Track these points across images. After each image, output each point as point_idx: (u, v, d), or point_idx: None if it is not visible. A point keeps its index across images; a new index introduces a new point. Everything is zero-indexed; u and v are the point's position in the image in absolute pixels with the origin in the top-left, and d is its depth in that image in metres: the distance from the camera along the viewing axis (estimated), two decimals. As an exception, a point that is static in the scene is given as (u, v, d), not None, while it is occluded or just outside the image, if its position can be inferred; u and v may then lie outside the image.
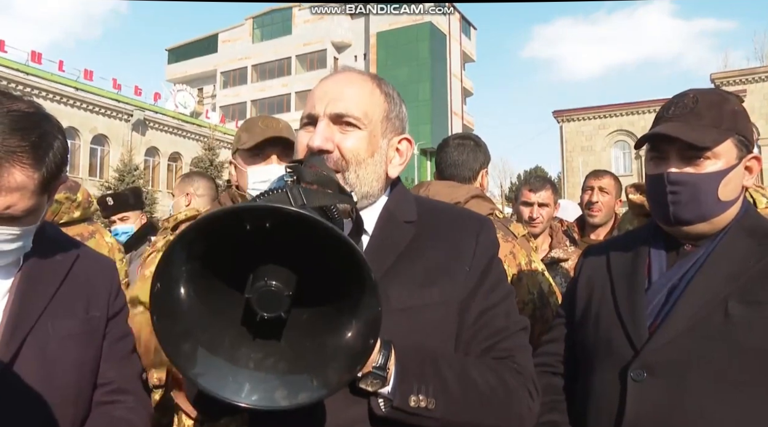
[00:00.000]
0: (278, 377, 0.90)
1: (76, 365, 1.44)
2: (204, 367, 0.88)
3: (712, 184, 1.41)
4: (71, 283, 1.47)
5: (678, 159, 1.44)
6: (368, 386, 1.09)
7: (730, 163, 1.42)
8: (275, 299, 0.86)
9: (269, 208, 0.82)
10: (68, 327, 1.43)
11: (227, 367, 0.90)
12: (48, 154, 1.29)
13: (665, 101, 1.56)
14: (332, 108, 1.26)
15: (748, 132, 1.46)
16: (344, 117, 1.26)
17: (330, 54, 50.61)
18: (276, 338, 0.92)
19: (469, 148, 2.60)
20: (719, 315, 1.36)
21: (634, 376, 1.40)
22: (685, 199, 1.43)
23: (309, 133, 1.27)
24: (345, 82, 1.31)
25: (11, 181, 1.24)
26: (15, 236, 1.32)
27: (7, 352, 1.32)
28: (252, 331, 0.91)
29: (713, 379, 1.34)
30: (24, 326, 1.36)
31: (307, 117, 1.29)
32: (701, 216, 1.44)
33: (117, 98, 35.67)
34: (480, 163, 2.62)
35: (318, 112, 1.27)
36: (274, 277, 0.86)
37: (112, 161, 33.62)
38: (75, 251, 1.54)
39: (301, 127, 1.31)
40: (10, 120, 1.25)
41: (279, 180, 1.04)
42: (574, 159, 40.05)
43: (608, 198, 3.81)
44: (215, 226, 0.83)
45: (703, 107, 1.44)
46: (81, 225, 2.58)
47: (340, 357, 0.90)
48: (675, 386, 1.36)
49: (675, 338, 1.38)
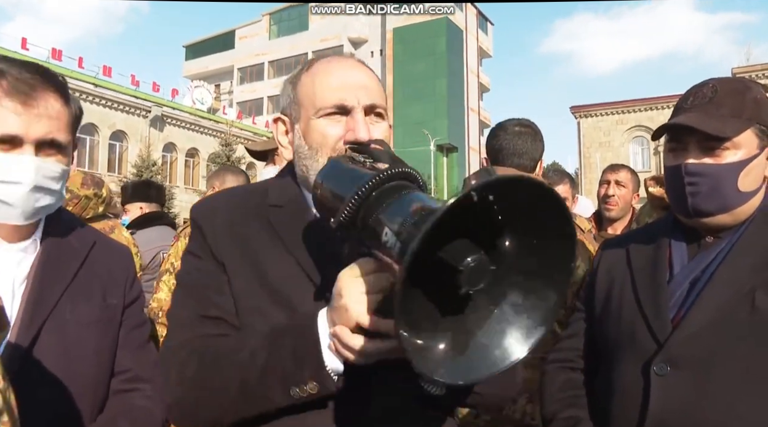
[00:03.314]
0: (466, 353, 0.93)
1: (95, 352, 1.45)
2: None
3: (732, 174, 1.38)
4: (89, 269, 1.48)
5: (697, 150, 1.41)
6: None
7: (751, 153, 1.40)
8: (481, 272, 0.88)
9: (519, 178, 0.87)
10: (86, 314, 1.44)
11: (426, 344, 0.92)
12: (70, 97, 1.41)
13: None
14: (366, 99, 1.26)
15: None
16: (376, 108, 1.28)
17: (346, 50, 50.54)
18: (461, 314, 0.95)
19: (530, 136, 2.47)
20: (746, 307, 1.33)
21: (657, 370, 1.37)
22: (704, 190, 1.40)
23: (337, 123, 1.25)
24: (363, 71, 1.31)
25: (50, 109, 1.33)
26: (59, 174, 1.37)
27: (27, 337, 1.34)
28: (442, 308, 0.94)
29: (739, 373, 1.31)
30: (43, 311, 1.37)
31: (337, 107, 1.25)
32: (722, 207, 1.41)
33: (135, 95, 35.95)
34: (540, 152, 2.49)
35: (352, 103, 1.25)
36: (469, 252, 0.88)
37: (131, 157, 33.94)
38: (92, 238, 1.55)
39: (323, 116, 1.26)
40: (36, 66, 1.37)
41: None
42: (591, 155, 39.72)
43: (625, 192, 3.78)
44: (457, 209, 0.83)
45: (723, 96, 1.41)
46: (103, 221, 2.63)
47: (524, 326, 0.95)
48: (700, 380, 1.33)
49: (699, 330, 1.36)
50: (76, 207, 2.44)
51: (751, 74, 32.83)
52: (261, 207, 1.32)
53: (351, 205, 1.00)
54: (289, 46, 52.99)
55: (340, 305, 1.05)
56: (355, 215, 1.00)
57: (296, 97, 1.32)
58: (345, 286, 1.05)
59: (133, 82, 36.85)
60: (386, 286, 1.04)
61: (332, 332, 1.07)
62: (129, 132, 35.14)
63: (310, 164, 1.27)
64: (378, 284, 1.04)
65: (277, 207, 1.32)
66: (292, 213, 1.31)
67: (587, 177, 38.90)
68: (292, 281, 1.23)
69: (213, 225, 1.30)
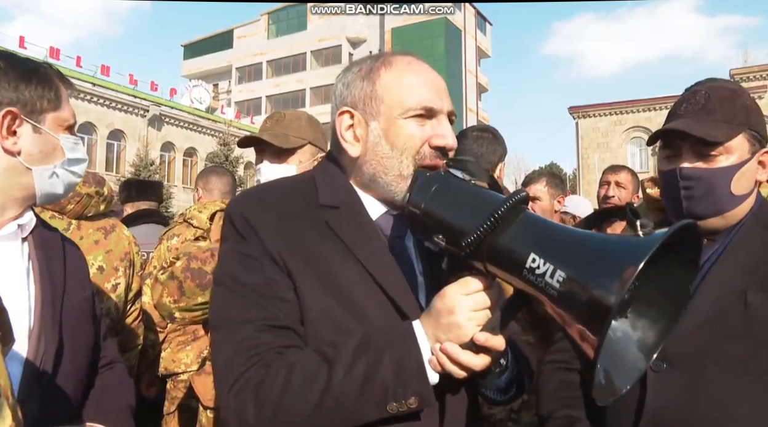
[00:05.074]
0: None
1: (88, 341, 1.53)
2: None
3: (725, 178, 1.42)
4: (69, 262, 1.54)
5: (691, 154, 1.44)
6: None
7: (742, 157, 1.43)
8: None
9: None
10: (79, 304, 1.51)
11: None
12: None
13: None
14: (449, 105, 1.28)
15: (760, 126, 1.46)
16: (452, 115, 1.28)
17: (345, 50, 50.59)
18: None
19: (488, 141, 2.60)
20: (738, 306, 1.36)
21: (653, 367, 1.40)
22: (698, 194, 1.43)
23: (422, 126, 1.24)
24: (438, 75, 1.31)
25: (66, 95, 1.48)
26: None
27: (51, 331, 1.39)
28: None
29: (734, 370, 1.34)
30: (57, 303, 1.43)
31: (426, 110, 1.24)
32: (715, 211, 1.44)
33: (133, 94, 35.93)
34: (498, 155, 2.61)
35: (442, 107, 1.25)
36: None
37: (129, 156, 33.91)
38: (58, 233, 1.60)
39: (410, 117, 1.24)
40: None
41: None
42: (590, 156, 39.74)
43: (625, 193, 3.79)
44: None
45: (715, 102, 1.45)
46: (104, 219, 2.61)
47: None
48: (695, 377, 1.37)
49: (694, 329, 1.38)
50: (78, 205, 2.44)
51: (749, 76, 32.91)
52: (313, 207, 1.25)
53: (482, 231, 1.02)
54: (287, 45, 52.95)
55: (451, 322, 1.08)
56: (483, 239, 1.03)
57: (375, 92, 1.26)
58: (457, 303, 1.08)
59: (131, 82, 36.85)
60: (494, 303, 1.09)
61: (440, 347, 1.08)
62: (127, 131, 35.10)
63: (391, 164, 1.24)
64: (486, 301, 1.08)
65: (333, 208, 1.25)
66: (350, 216, 1.25)
67: (585, 178, 38.94)
68: (362, 290, 1.19)
69: (267, 225, 1.21)
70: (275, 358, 1.13)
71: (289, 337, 1.16)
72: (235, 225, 1.23)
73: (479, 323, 1.08)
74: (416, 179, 1.19)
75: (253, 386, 1.10)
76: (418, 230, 1.15)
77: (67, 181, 1.47)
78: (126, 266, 2.61)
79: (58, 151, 1.43)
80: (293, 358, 1.12)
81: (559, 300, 0.93)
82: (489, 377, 1.19)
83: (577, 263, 0.93)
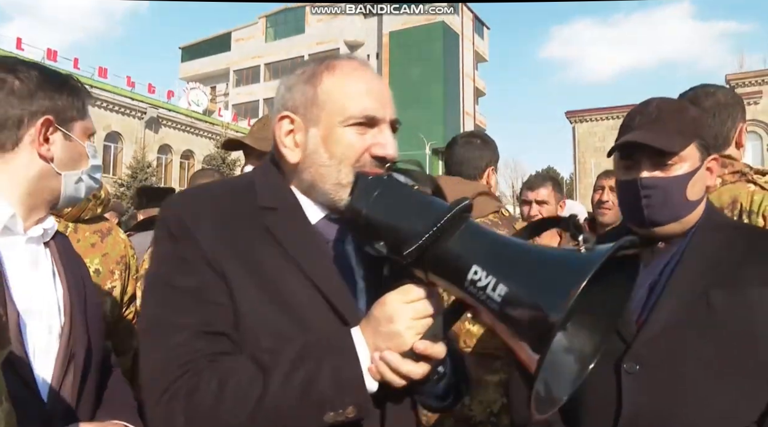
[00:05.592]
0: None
1: (103, 343, 1.61)
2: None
3: (681, 186, 1.50)
4: (83, 267, 1.65)
5: (649, 164, 1.52)
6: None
7: (694, 165, 1.52)
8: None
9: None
10: (95, 307, 1.58)
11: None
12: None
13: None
14: (393, 113, 1.24)
15: (707, 136, 1.58)
16: (395, 123, 1.26)
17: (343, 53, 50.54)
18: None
19: (476, 146, 2.64)
20: (702, 305, 1.43)
21: (627, 368, 1.45)
22: (657, 201, 1.51)
23: (363, 135, 1.21)
24: (385, 83, 1.28)
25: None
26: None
27: (80, 331, 1.46)
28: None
29: (703, 367, 1.40)
30: (81, 305, 1.50)
31: (368, 118, 1.20)
32: (673, 217, 1.52)
33: (131, 96, 35.92)
34: (486, 161, 2.65)
35: (384, 116, 1.22)
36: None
37: (126, 159, 33.89)
38: (68, 239, 1.67)
39: (351, 125, 1.20)
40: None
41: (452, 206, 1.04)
42: (586, 160, 39.81)
43: (619, 198, 3.79)
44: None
45: (667, 115, 1.54)
46: (100, 222, 2.61)
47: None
48: (668, 378, 1.42)
49: (662, 330, 1.45)
50: (75, 208, 2.43)
51: (744, 81, 33.02)
52: (251, 208, 1.21)
53: (423, 240, 1.00)
54: (285, 48, 52.99)
55: (391, 331, 1.07)
56: (427, 247, 1.01)
57: (316, 97, 1.22)
58: (396, 311, 1.07)
59: (128, 84, 36.82)
60: (435, 311, 1.08)
61: (380, 356, 1.07)
62: (124, 133, 35.07)
63: (328, 173, 1.20)
64: (427, 310, 1.07)
65: (271, 210, 1.22)
66: (288, 217, 1.22)
67: (582, 182, 39.00)
68: (302, 294, 1.16)
69: (202, 226, 1.16)
70: (208, 366, 1.08)
71: (223, 343, 1.12)
72: (170, 226, 1.19)
73: (419, 331, 1.07)
74: (357, 183, 1.13)
75: (184, 394, 1.06)
76: (358, 235, 1.13)
77: (89, 187, 1.56)
78: (122, 269, 2.60)
79: (84, 158, 1.52)
80: (227, 365, 1.09)
81: (501, 314, 0.92)
82: (428, 384, 1.17)
83: (520, 277, 0.92)
